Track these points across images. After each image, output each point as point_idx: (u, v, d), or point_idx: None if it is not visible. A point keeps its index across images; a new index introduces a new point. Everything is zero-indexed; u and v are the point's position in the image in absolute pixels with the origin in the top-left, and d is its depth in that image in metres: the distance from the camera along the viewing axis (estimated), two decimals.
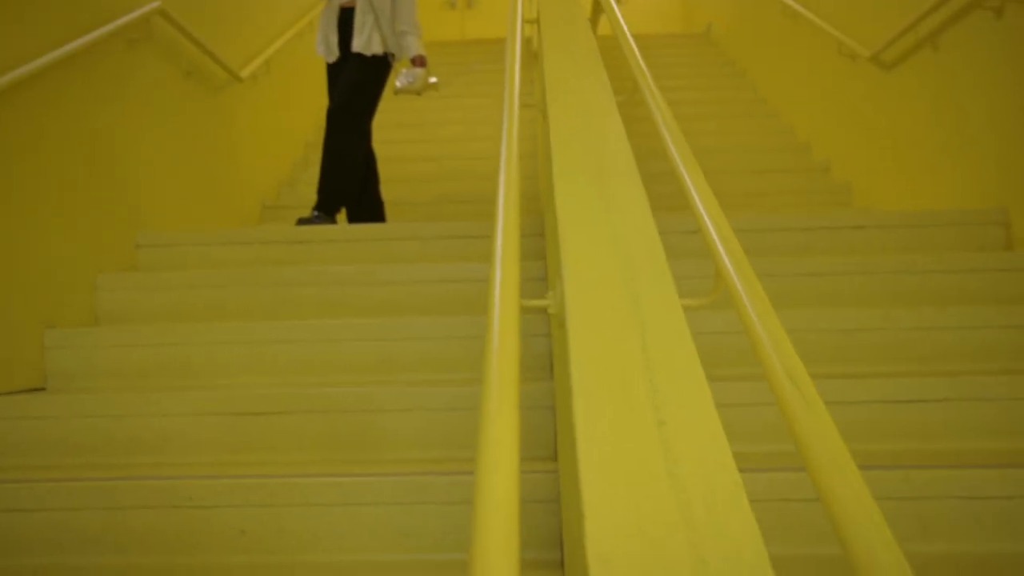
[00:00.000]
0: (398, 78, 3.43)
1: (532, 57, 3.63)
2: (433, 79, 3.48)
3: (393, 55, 3.45)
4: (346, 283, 2.67)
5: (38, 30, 2.45)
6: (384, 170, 3.80)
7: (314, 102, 5.35)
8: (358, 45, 3.32)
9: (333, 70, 3.48)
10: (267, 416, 2.09)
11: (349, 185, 3.39)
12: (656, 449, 0.85)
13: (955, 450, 1.93)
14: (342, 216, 3.54)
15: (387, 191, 3.80)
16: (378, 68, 3.39)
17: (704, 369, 1.00)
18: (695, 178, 1.52)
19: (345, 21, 3.39)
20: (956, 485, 1.67)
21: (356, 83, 3.34)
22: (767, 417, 1.86)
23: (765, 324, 1.09)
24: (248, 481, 1.76)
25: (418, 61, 3.43)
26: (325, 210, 3.33)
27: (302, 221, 3.26)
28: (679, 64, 6.36)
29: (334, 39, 3.40)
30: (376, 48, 3.34)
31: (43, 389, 2.42)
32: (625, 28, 2.45)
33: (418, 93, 3.43)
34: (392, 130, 5.04)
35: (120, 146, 2.91)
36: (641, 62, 2.10)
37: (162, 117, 3.24)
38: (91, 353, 2.43)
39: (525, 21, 2.71)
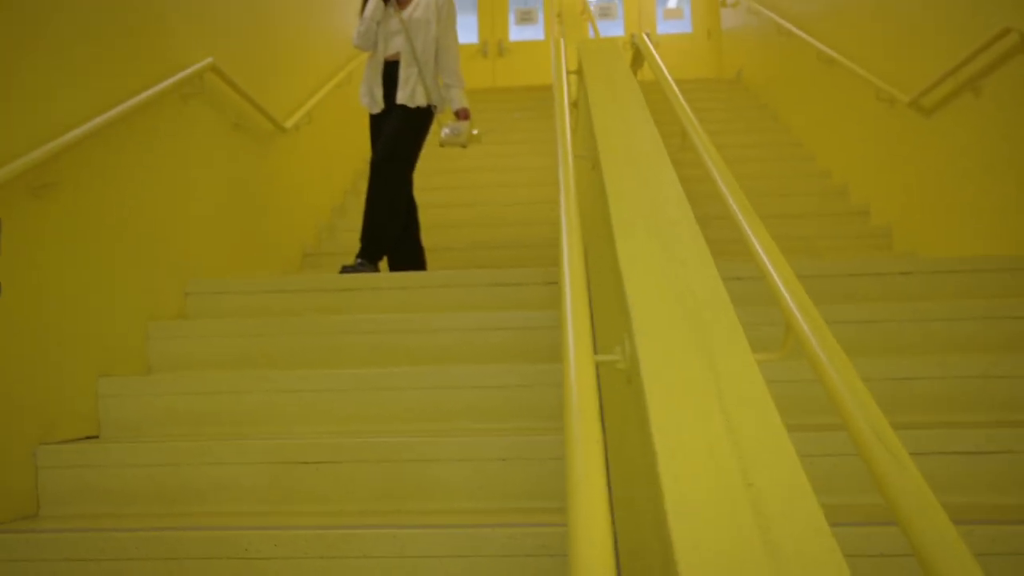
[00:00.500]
0: (443, 131, 3.50)
1: (571, 106, 3.68)
2: (475, 131, 3.54)
3: (435, 106, 3.51)
4: (394, 331, 2.69)
5: (102, 86, 2.53)
6: (420, 216, 3.84)
7: (351, 151, 5.47)
8: (402, 97, 3.40)
9: (376, 121, 3.56)
10: (320, 465, 2.10)
11: (392, 233, 3.43)
12: (748, 513, 0.84)
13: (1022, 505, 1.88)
14: (383, 263, 3.58)
15: (424, 237, 3.84)
16: (422, 119, 3.46)
17: None
18: (755, 227, 1.52)
19: (390, 74, 3.47)
20: None
21: (400, 134, 3.41)
22: (842, 468, 1.83)
23: (844, 378, 1.08)
24: (305, 532, 1.76)
25: (462, 114, 3.50)
26: (368, 257, 3.37)
27: (346, 269, 3.30)
28: (712, 108, 6.40)
29: (379, 91, 3.48)
30: (420, 100, 3.41)
31: (96, 437, 2.45)
32: (669, 77, 2.48)
33: (463, 146, 3.49)
34: (427, 176, 5.10)
35: (171, 195, 2.98)
36: (687, 108, 2.13)
37: (211, 167, 3.32)
38: (144, 401, 2.46)
39: (568, 72, 2.75)
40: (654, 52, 2.86)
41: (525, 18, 8.90)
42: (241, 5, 3.72)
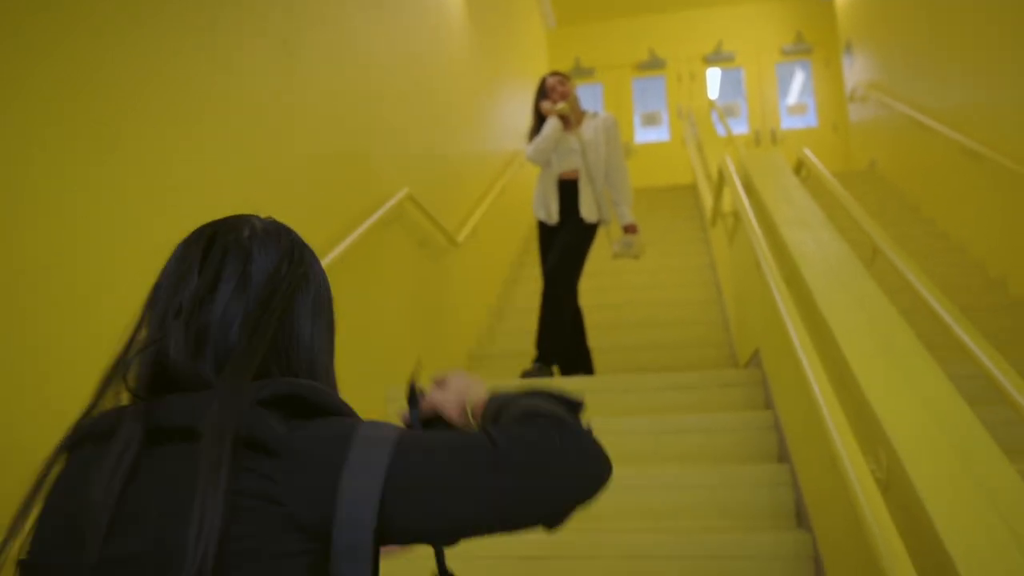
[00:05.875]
0: (615, 245, 3.77)
1: (730, 215, 3.89)
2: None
3: (601, 219, 3.81)
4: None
5: (337, 217, 2.95)
6: None
7: (502, 259, 5.85)
8: (584, 211, 3.71)
9: (548, 232, 3.87)
10: (538, 560, 2.29)
11: (565, 336, 3.68)
12: None
13: None
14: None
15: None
16: (592, 232, 3.76)
17: None
18: (970, 332, 1.66)
19: (565, 189, 3.80)
20: None
21: (575, 246, 3.70)
22: None
23: None
24: None
25: (631, 229, 3.77)
26: (545, 361, 3.62)
27: (527, 374, 3.54)
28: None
29: (555, 205, 3.80)
30: (594, 216, 3.71)
31: None
32: (846, 194, 2.65)
33: (636, 258, 3.75)
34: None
35: (373, 309, 3.34)
36: (877, 228, 2.29)
37: (401, 282, 3.70)
38: None
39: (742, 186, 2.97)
40: (823, 170, 3.04)
41: (650, 121, 9.29)
42: (423, 139, 4.19)
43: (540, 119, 3.93)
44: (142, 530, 0.66)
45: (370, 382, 3.26)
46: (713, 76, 9.23)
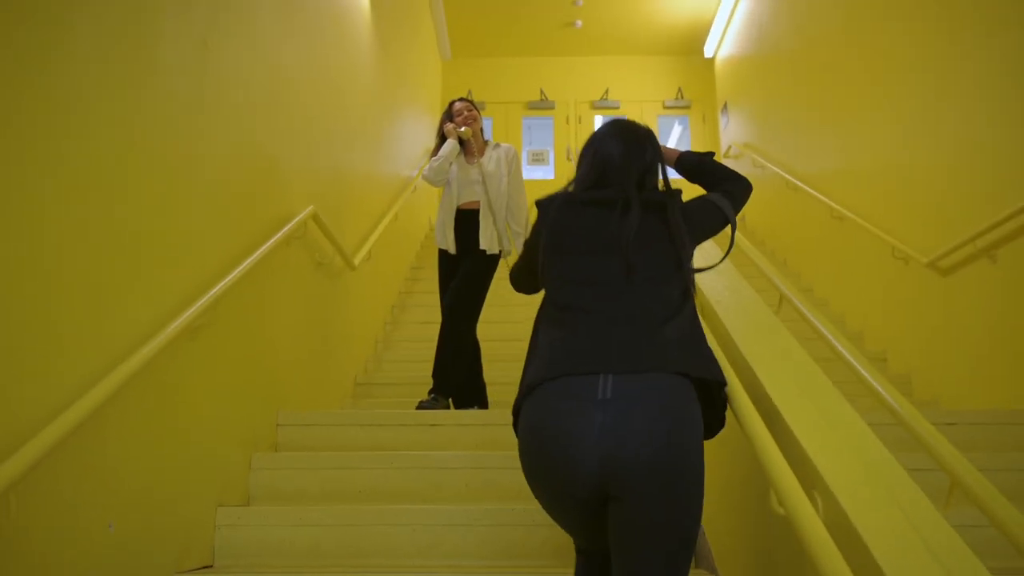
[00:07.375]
0: None
1: None
2: None
3: (502, 251, 3.82)
4: (485, 467, 2.85)
5: (239, 235, 2.80)
6: None
7: (391, 285, 5.75)
8: (483, 244, 3.70)
9: (448, 260, 3.83)
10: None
11: (462, 369, 3.64)
12: None
13: None
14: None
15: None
16: (494, 262, 3.76)
17: None
18: (889, 390, 1.77)
19: (466, 220, 3.79)
20: None
21: (476, 276, 3.68)
22: None
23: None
24: None
25: None
26: (442, 393, 3.56)
27: (423, 405, 3.47)
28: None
29: (451, 235, 3.78)
30: (495, 247, 3.71)
31: (211, 567, 2.54)
32: (749, 244, 2.80)
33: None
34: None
35: (267, 331, 3.16)
36: (783, 280, 2.42)
37: (295, 304, 3.55)
38: (259, 532, 2.57)
39: None
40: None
41: (537, 159, 9.49)
42: (326, 157, 4.08)
43: (444, 140, 3.92)
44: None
45: (259, 405, 3.09)
46: (599, 122, 9.56)
